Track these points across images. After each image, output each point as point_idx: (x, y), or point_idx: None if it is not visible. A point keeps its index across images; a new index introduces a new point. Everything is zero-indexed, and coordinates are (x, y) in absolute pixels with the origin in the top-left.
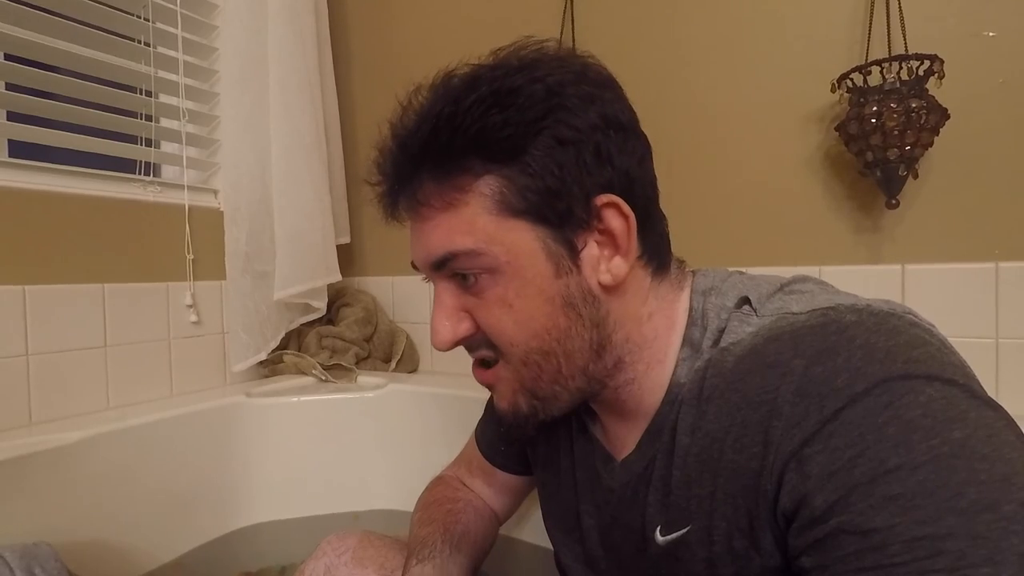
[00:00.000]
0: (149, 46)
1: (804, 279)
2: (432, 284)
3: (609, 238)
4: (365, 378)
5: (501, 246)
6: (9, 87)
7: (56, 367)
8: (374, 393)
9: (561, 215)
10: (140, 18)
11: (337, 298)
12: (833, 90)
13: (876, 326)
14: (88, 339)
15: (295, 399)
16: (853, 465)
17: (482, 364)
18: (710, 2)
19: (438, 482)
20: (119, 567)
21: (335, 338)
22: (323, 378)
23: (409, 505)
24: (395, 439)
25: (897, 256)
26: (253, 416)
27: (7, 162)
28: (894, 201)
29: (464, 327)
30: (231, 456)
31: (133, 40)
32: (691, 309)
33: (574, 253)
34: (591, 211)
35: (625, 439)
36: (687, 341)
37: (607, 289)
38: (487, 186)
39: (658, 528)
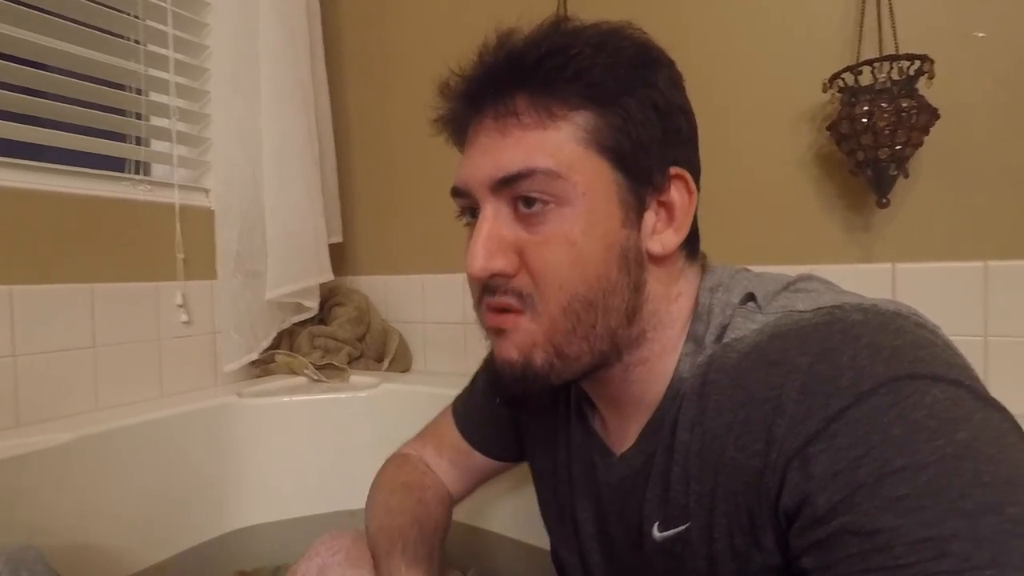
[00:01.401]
0: (139, 44)
1: (810, 278)
2: (471, 220)
3: (667, 210)
4: (358, 378)
5: (582, 176)
6: None
7: (44, 368)
8: (367, 393)
9: (641, 170)
10: (130, 16)
11: (329, 297)
12: (825, 90)
13: (882, 326)
14: (77, 340)
15: (287, 399)
16: (858, 465)
17: (499, 309)
18: (702, 3)
19: (403, 462)
20: (108, 570)
21: (327, 338)
22: (315, 378)
23: None
24: (388, 439)
25: (888, 255)
26: (245, 416)
27: None
28: (885, 200)
29: (504, 261)
30: (223, 457)
31: (123, 38)
32: (698, 304)
33: (640, 211)
34: (664, 177)
35: (624, 433)
36: (691, 335)
37: (652, 258)
38: (582, 118)
39: (656, 524)
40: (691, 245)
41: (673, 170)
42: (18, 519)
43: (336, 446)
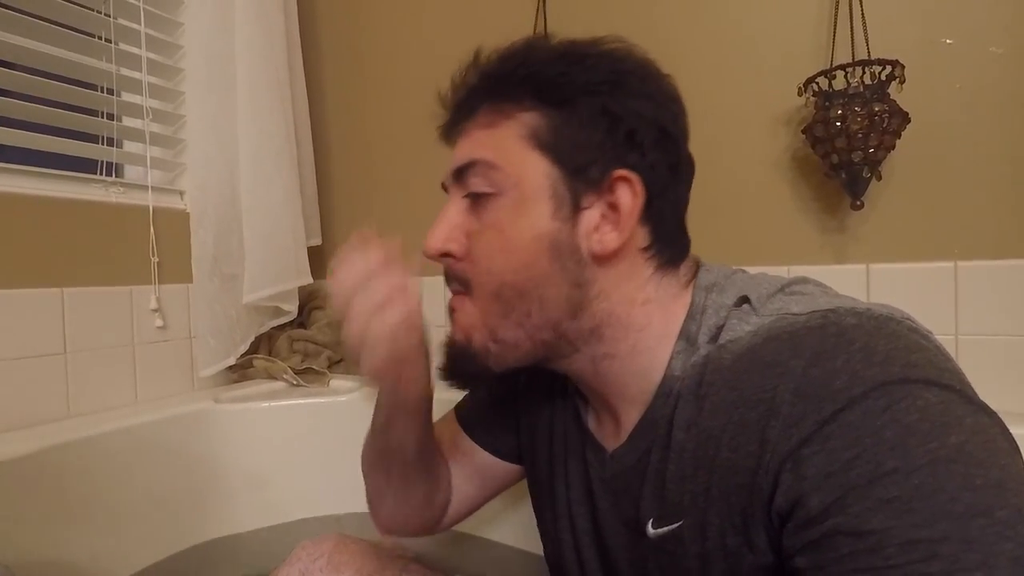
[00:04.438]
0: (110, 42)
1: (804, 280)
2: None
3: (614, 212)
4: (338, 382)
5: (515, 168)
6: None
7: (12, 375)
8: (347, 397)
9: (577, 167)
10: (101, 13)
11: (308, 301)
12: (800, 93)
13: (875, 330)
14: (46, 345)
15: (266, 404)
16: (850, 467)
17: (453, 294)
18: (680, 9)
19: None
20: None
21: (307, 341)
22: (295, 382)
23: None
24: None
25: (862, 256)
26: (222, 423)
27: None
28: (859, 202)
29: (454, 245)
30: (199, 464)
31: (93, 36)
32: (692, 303)
33: (576, 207)
34: (605, 178)
35: (615, 430)
36: (683, 334)
37: (596, 258)
38: (528, 117)
39: (650, 521)
40: (665, 255)
41: (617, 172)
42: None
43: (316, 452)
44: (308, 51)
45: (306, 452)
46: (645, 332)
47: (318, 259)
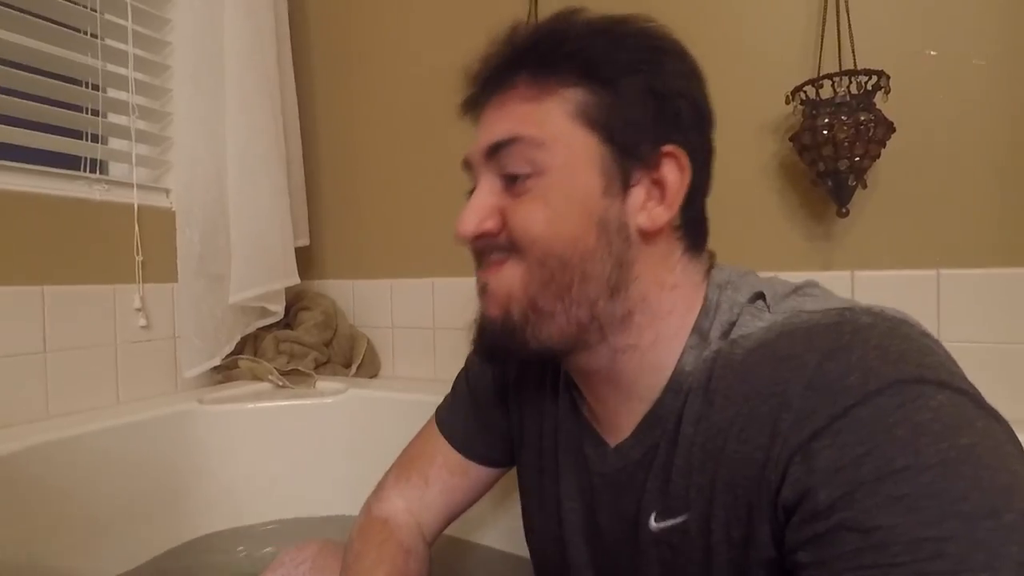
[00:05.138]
0: (96, 38)
1: (814, 284)
2: (472, 188)
3: (660, 188)
4: (324, 383)
5: (564, 147)
6: None
7: None
8: (333, 399)
9: (628, 144)
10: (86, 8)
11: (295, 302)
12: (787, 102)
13: (890, 330)
14: (25, 344)
15: (250, 406)
16: (860, 462)
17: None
18: (669, 17)
19: (384, 537)
20: None
21: (293, 343)
22: (280, 384)
23: None
24: (355, 445)
25: (847, 263)
26: (206, 424)
27: None
28: (844, 210)
29: (491, 223)
30: (182, 466)
31: (79, 31)
32: (706, 299)
33: (625, 184)
34: (655, 154)
35: (619, 424)
36: (696, 329)
37: (641, 234)
38: (574, 94)
39: (653, 515)
40: (691, 237)
41: (665, 148)
42: None
43: (302, 453)
44: (297, 49)
45: (291, 454)
46: (668, 320)
47: (305, 260)
